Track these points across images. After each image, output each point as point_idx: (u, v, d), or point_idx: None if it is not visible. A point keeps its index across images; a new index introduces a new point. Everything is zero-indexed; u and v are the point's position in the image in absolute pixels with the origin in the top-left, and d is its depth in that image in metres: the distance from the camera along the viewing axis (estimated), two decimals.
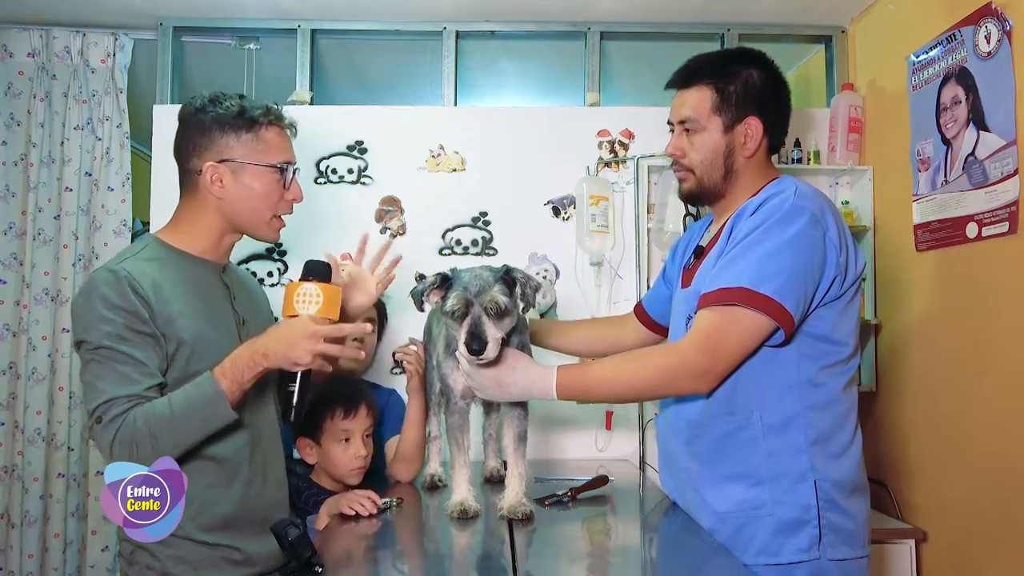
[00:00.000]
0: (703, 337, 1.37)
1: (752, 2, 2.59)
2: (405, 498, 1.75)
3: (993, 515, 2.00)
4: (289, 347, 1.36)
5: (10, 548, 2.57)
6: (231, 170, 1.49)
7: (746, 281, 1.36)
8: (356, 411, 1.85)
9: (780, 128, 1.58)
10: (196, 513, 1.44)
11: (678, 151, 1.58)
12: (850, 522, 1.42)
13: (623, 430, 2.52)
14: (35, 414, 2.60)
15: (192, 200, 1.54)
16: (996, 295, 1.97)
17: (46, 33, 2.67)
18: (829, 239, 1.40)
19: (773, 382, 1.42)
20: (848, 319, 1.46)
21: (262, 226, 1.55)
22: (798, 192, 1.44)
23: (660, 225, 2.53)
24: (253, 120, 1.50)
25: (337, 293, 1.43)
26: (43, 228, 2.65)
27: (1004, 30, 1.92)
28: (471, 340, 1.35)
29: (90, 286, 1.41)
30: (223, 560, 1.47)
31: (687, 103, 1.56)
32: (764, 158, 1.57)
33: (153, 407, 1.34)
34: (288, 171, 1.55)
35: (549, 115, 2.66)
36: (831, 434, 1.43)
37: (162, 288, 1.44)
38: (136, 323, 1.38)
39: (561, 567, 1.35)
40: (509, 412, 1.59)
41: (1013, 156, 1.89)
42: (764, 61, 1.56)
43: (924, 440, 2.28)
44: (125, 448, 1.31)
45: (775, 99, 1.55)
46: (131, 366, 1.36)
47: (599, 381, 1.45)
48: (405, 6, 2.61)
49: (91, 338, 1.37)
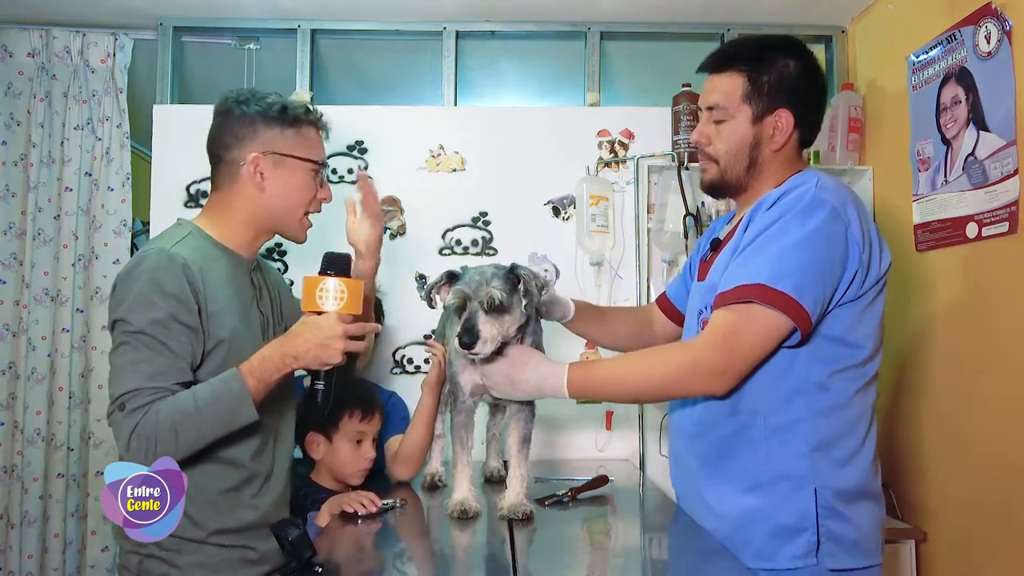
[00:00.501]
0: (719, 336, 1.33)
1: (752, 2, 2.59)
2: (408, 500, 1.76)
3: (993, 515, 2.00)
4: (320, 348, 1.35)
5: (10, 548, 2.57)
6: (273, 163, 1.50)
7: (764, 278, 1.30)
8: (373, 415, 1.88)
9: (812, 124, 1.51)
10: (213, 516, 1.42)
11: (704, 138, 1.52)
12: (854, 531, 1.38)
13: (623, 430, 2.52)
14: (35, 414, 2.59)
15: (229, 193, 1.52)
16: (996, 295, 1.97)
17: (46, 33, 2.67)
18: (851, 234, 1.34)
19: (780, 384, 1.38)
20: (868, 320, 1.40)
21: (295, 223, 1.56)
22: (819, 184, 1.38)
23: (660, 225, 2.53)
24: (296, 117, 1.53)
25: (359, 287, 1.42)
26: (43, 228, 2.64)
27: (1004, 30, 1.92)
28: (463, 334, 1.35)
29: (142, 267, 1.37)
30: (240, 560, 1.46)
31: (718, 88, 1.49)
32: (793, 153, 1.51)
33: (177, 401, 1.32)
34: (322, 171, 1.57)
35: (549, 115, 2.66)
36: (836, 440, 1.38)
37: (209, 280, 1.43)
38: (183, 314, 1.36)
39: (561, 567, 1.35)
40: (516, 413, 1.58)
41: (1013, 156, 1.89)
42: (803, 52, 1.48)
43: (924, 440, 2.28)
44: (143, 441, 1.29)
45: (810, 92, 1.48)
46: (167, 358, 1.34)
47: (610, 379, 1.41)
48: (405, 6, 2.61)
49: (133, 320, 1.34)
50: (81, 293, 2.65)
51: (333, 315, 1.37)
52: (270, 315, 1.60)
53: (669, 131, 2.55)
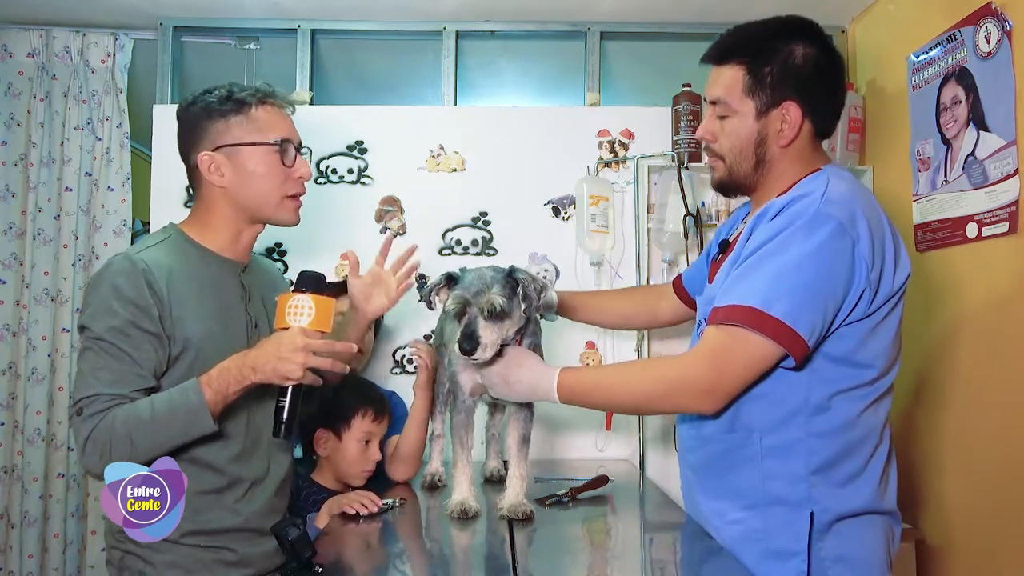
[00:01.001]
0: (709, 354, 1.28)
1: (752, 2, 2.59)
2: (407, 499, 1.76)
3: (994, 516, 2.00)
4: (279, 360, 1.30)
5: (10, 548, 2.57)
6: (227, 156, 1.45)
7: (756, 301, 1.23)
8: (384, 417, 1.89)
9: (827, 112, 1.41)
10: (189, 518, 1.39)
11: (709, 135, 1.43)
12: (858, 548, 1.33)
13: (623, 430, 2.52)
14: (35, 414, 2.59)
15: (203, 197, 1.51)
16: (996, 295, 1.97)
17: (46, 33, 2.67)
18: (859, 251, 1.24)
19: (779, 405, 1.32)
20: (878, 339, 1.31)
21: (273, 208, 1.51)
22: (826, 196, 1.27)
23: (660, 225, 2.53)
24: (241, 102, 1.46)
25: (330, 305, 1.38)
26: (43, 228, 2.64)
27: (1004, 30, 1.92)
28: (463, 340, 1.36)
29: (105, 272, 1.38)
30: (216, 562, 1.44)
31: (719, 81, 1.40)
32: (807, 146, 1.40)
33: (135, 408, 1.31)
34: (288, 147, 1.49)
35: (549, 115, 2.66)
36: (838, 461, 1.32)
37: (177, 284, 1.41)
38: (143, 320, 1.35)
39: (561, 567, 1.35)
40: (515, 413, 1.59)
41: (1013, 156, 1.89)
42: (811, 34, 1.37)
43: (924, 440, 2.28)
44: (98, 447, 1.29)
45: (822, 79, 1.36)
46: (127, 365, 1.34)
47: (599, 386, 1.39)
48: (405, 6, 2.61)
49: (94, 327, 1.34)
50: (81, 293, 2.65)
51: (296, 330, 1.33)
52: (262, 317, 1.57)
53: (669, 131, 2.55)
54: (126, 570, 1.41)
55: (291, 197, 1.52)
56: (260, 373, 1.32)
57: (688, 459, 1.51)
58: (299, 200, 1.54)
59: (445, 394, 1.81)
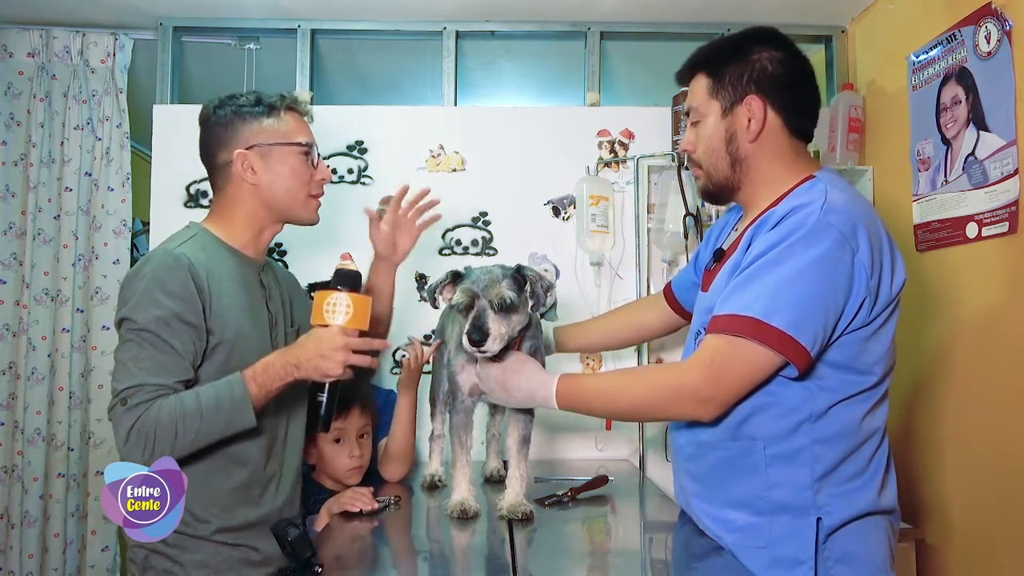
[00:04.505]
0: (708, 362, 1.28)
1: (752, 2, 2.59)
2: (402, 496, 1.76)
3: (993, 515, 2.00)
4: (321, 359, 1.37)
5: (10, 548, 2.57)
6: (260, 155, 1.53)
7: (757, 311, 1.24)
8: (348, 411, 1.85)
9: (797, 109, 1.42)
10: (219, 515, 1.44)
11: (689, 145, 1.49)
12: (858, 552, 1.33)
13: (623, 431, 2.52)
14: (35, 414, 2.59)
15: (228, 194, 1.56)
16: (996, 295, 1.97)
17: (46, 33, 2.67)
18: (859, 261, 1.25)
19: (782, 413, 1.32)
20: (878, 344, 1.33)
21: (299, 206, 1.59)
22: (826, 206, 1.28)
23: (660, 225, 2.53)
24: (271, 106, 1.56)
25: (367, 304, 1.43)
26: (43, 228, 2.64)
27: (1004, 30, 1.92)
28: (472, 331, 1.35)
29: (148, 266, 1.41)
30: (241, 562, 1.46)
31: (690, 93, 1.48)
32: (786, 147, 1.42)
33: (180, 400, 1.33)
34: (312, 150, 1.59)
35: (549, 115, 2.66)
36: (840, 466, 1.33)
37: (214, 280, 1.45)
38: (187, 312, 1.38)
39: (561, 567, 1.35)
40: (515, 414, 1.58)
41: (1013, 156, 1.89)
42: (774, 39, 1.43)
43: (924, 440, 2.28)
44: (142, 437, 1.30)
45: (785, 75, 1.40)
46: (169, 356, 1.36)
47: (597, 393, 1.40)
48: (405, 6, 2.61)
49: (138, 318, 1.36)
50: (81, 293, 2.65)
51: (336, 328, 1.39)
52: (280, 314, 1.62)
53: (669, 131, 2.55)
54: (150, 569, 1.42)
55: (313, 197, 1.61)
56: (303, 370, 1.39)
57: (686, 467, 1.49)
58: (319, 201, 1.63)
59: (445, 394, 1.81)
